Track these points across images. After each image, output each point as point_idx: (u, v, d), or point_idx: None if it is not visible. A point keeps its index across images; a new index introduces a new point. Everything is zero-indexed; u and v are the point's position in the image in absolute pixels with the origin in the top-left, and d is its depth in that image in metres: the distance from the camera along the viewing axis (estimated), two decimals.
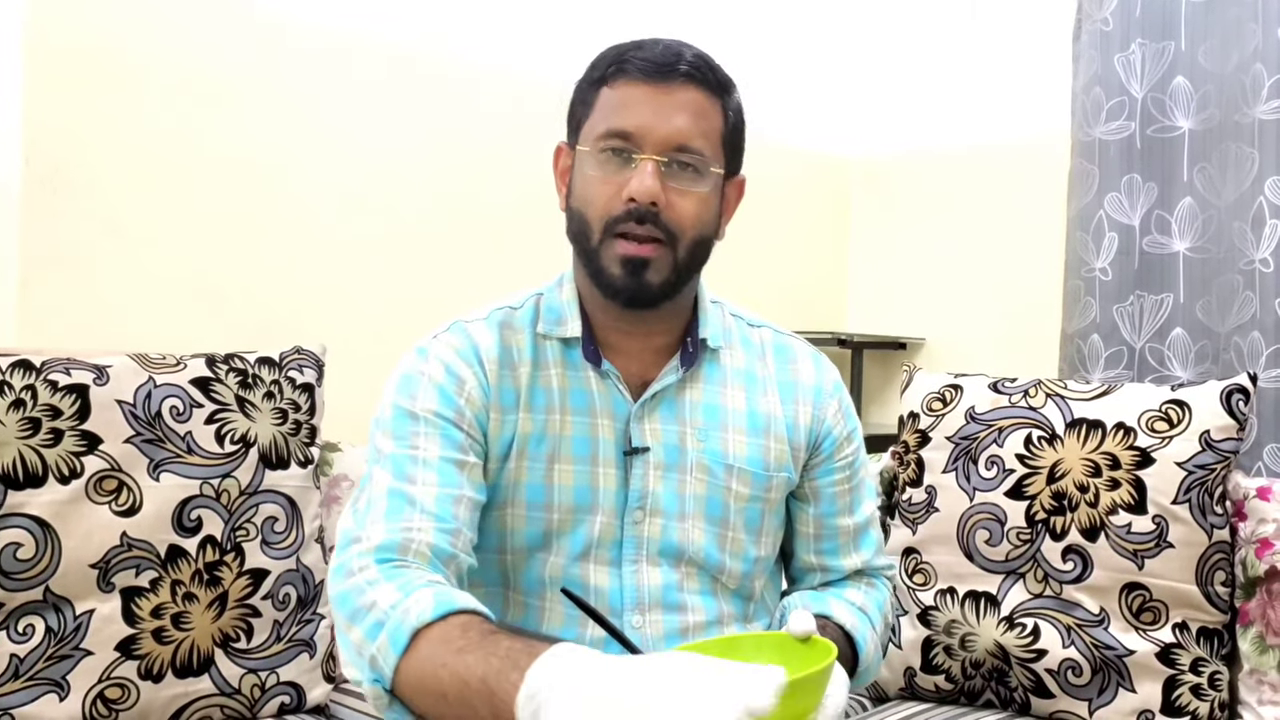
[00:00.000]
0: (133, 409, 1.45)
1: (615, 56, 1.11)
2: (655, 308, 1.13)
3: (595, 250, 1.10)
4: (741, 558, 1.18)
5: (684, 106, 1.09)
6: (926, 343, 3.22)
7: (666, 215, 1.08)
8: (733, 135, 1.15)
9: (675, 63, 1.09)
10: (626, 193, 1.07)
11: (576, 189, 1.13)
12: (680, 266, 1.11)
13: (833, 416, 1.24)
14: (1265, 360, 2.10)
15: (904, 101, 3.26)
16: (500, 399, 1.14)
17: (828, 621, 1.19)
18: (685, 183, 1.10)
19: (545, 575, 1.14)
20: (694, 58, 1.11)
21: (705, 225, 1.12)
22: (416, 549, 1.02)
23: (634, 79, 1.09)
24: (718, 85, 1.12)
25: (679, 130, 1.08)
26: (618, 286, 1.10)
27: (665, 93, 1.08)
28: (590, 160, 1.10)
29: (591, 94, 1.12)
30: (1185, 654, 1.52)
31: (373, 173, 2.34)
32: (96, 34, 1.96)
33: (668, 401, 1.17)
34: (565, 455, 1.14)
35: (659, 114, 1.08)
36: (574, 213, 1.13)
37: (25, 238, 1.90)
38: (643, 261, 1.09)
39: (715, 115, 1.12)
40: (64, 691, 1.37)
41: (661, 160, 1.08)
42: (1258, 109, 2.13)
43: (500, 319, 1.18)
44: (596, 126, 1.10)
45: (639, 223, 1.08)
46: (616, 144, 1.09)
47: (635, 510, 1.15)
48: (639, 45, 1.11)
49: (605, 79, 1.11)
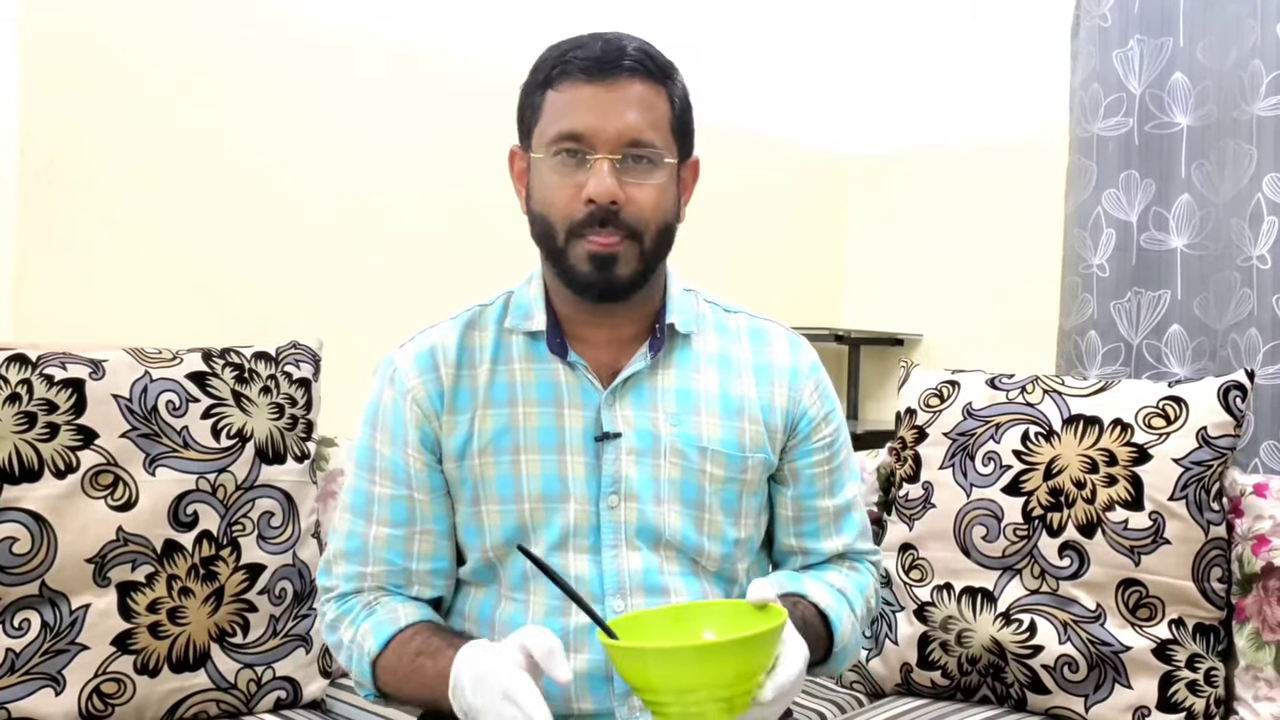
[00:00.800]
0: (129, 403, 1.45)
1: (557, 58, 1.12)
2: (626, 299, 1.15)
3: (562, 250, 1.12)
4: (720, 540, 1.19)
5: (631, 101, 1.10)
6: (924, 339, 3.22)
7: (627, 211, 1.10)
8: (681, 121, 1.16)
9: (618, 58, 1.10)
10: (585, 194, 1.09)
11: (535, 193, 1.15)
12: (648, 256, 1.13)
13: (809, 397, 1.24)
14: (1262, 357, 2.10)
15: (902, 98, 3.25)
16: (455, 401, 1.18)
17: (801, 599, 1.19)
18: (641, 176, 1.11)
19: (527, 568, 1.16)
20: (635, 50, 1.12)
21: (666, 213, 1.14)
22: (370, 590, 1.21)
23: (577, 79, 1.10)
24: (660, 73, 1.13)
25: (629, 125, 1.10)
26: (587, 282, 1.12)
27: (610, 89, 1.10)
28: (545, 165, 1.12)
29: (538, 97, 1.14)
30: (1181, 650, 1.52)
31: (370, 168, 2.33)
32: (92, 27, 1.95)
33: (638, 388, 1.18)
34: (530, 446, 1.16)
35: (607, 112, 1.09)
36: (536, 216, 1.15)
37: (20, 232, 1.89)
38: (611, 256, 1.11)
39: (662, 104, 1.13)
40: (60, 686, 1.37)
41: (615, 158, 1.10)
42: (1256, 105, 2.12)
43: (467, 318, 1.22)
44: (547, 130, 1.12)
45: (602, 225, 1.10)
46: (569, 146, 1.10)
47: (610, 495, 1.16)
48: (579, 44, 1.12)
49: (550, 81, 1.12)
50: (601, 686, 1.15)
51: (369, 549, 1.19)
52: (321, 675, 1.57)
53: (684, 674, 0.92)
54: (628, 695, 1.15)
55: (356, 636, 1.17)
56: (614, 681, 1.15)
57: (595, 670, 1.14)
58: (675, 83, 1.16)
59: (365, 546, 1.19)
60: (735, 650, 0.93)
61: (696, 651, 0.94)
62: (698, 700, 0.93)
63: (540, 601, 1.16)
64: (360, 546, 1.20)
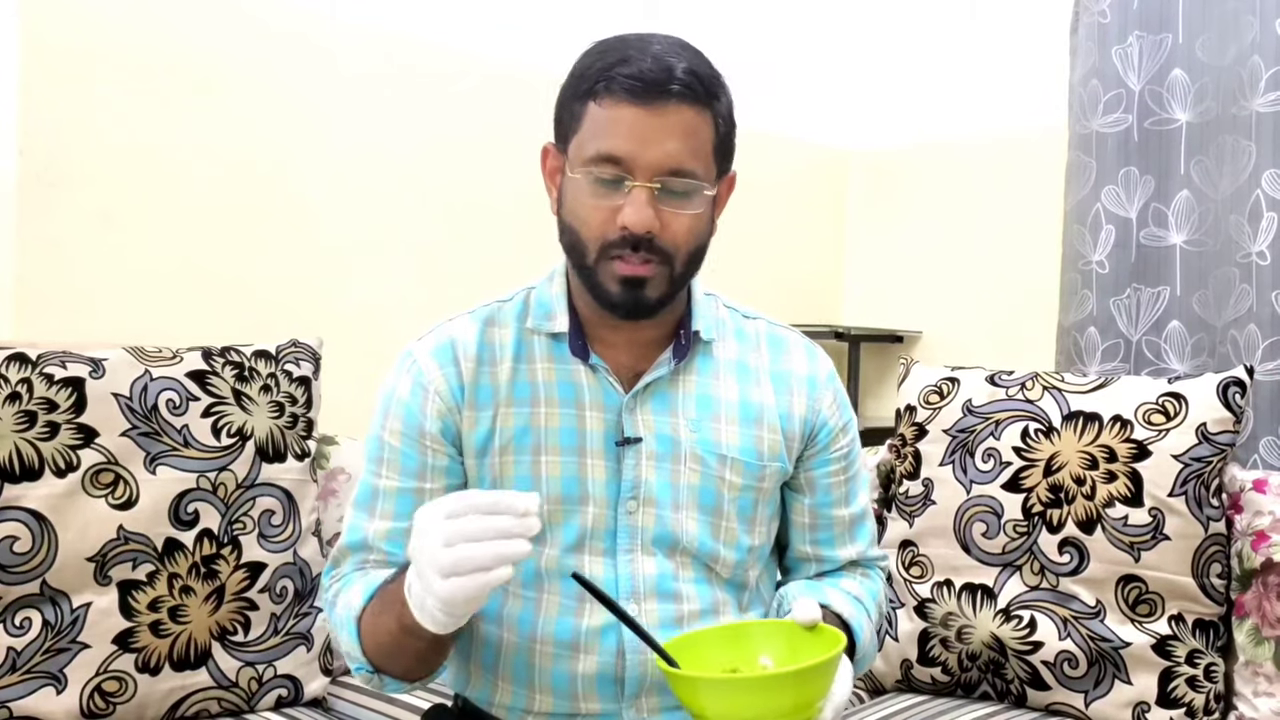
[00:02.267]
0: (129, 402, 1.45)
1: (602, 70, 1.07)
2: (652, 317, 1.14)
3: (591, 268, 1.10)
4: (735, 547, 1.19)
5: (675, 128, 1.06)
6: (923, 336, 3.22)
7: (662, 238, 1.07)
8: (724, 142, 1.12)
9: (666, 81, 1.05)
10: (620, 220, 1.06)
11: (568, 205, 1.11)
12: (677, 280, 1.11)
13: (828, 407, 1.24)
14: (1262, 353, 2.10)
15: (902, 94, 3.25)
16: (475, 396, 1.16)
17: (826, 610, 1.19)
18: (678, 204, 1.08)
19: (541, 567, 1.15)
20: (684, 72, 1.06)
21: (700, 237, 1.12)
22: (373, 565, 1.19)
23: (622, 99, 1.05)
24: (708, 96, 1.08)
25: (670, 154, 1.06)
26: (616, 302, 1.10)
27: (656, 115, 1.05)
28: (581, 181, 1.08)
29: (579, 107, 1.08)
30: (1181, 646, 1.53)
31: (370, 166, 2.33)
32: (92, 28, 1.95)
33: (660, 393, 1.18)
34: (551, 447, 1.15)
35: (649, 138, 1.05)
36: (566, 226, 1.12)
37: (20, 231, 1.89)
38: (641, 280, 1.09)
39: (706, 129, 1.09)
40: (61, 685, 1.37)
41: (654, 186, 1.06)
42: (1255, 102, 2.12)
43: (486, 315, 1.20)
44: (585, 146, 1.07)
45: (634, 249, 1.07)
46: (609, 171, 1.06)
47: (628, 500, 1.15)
48: (626, 58, 1.06)
49: (593, 93, 1.07)
50: (610, 687, 1.15)
51: (370, 542, 1.19)
52: (323, 673, 1.57)
53: (751, 704, 0.93)
54: (636, 697, 1.15)
55: (349, 600, 1.14)
56: (623, 685, 1.15)
57: (605, 672, 1.14)
58: (721, 102, 1.11)
59: (367, 540, 1.19)
60: (801, 680, 0.94)
61: (762, 682, 0.95)
62: None
63: (553, 600, 1.15)
64: (362, 540, 1.19)
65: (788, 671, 0.96)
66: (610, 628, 1.14)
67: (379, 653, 1.09)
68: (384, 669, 1.11)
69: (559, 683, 1.15)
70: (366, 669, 1.11)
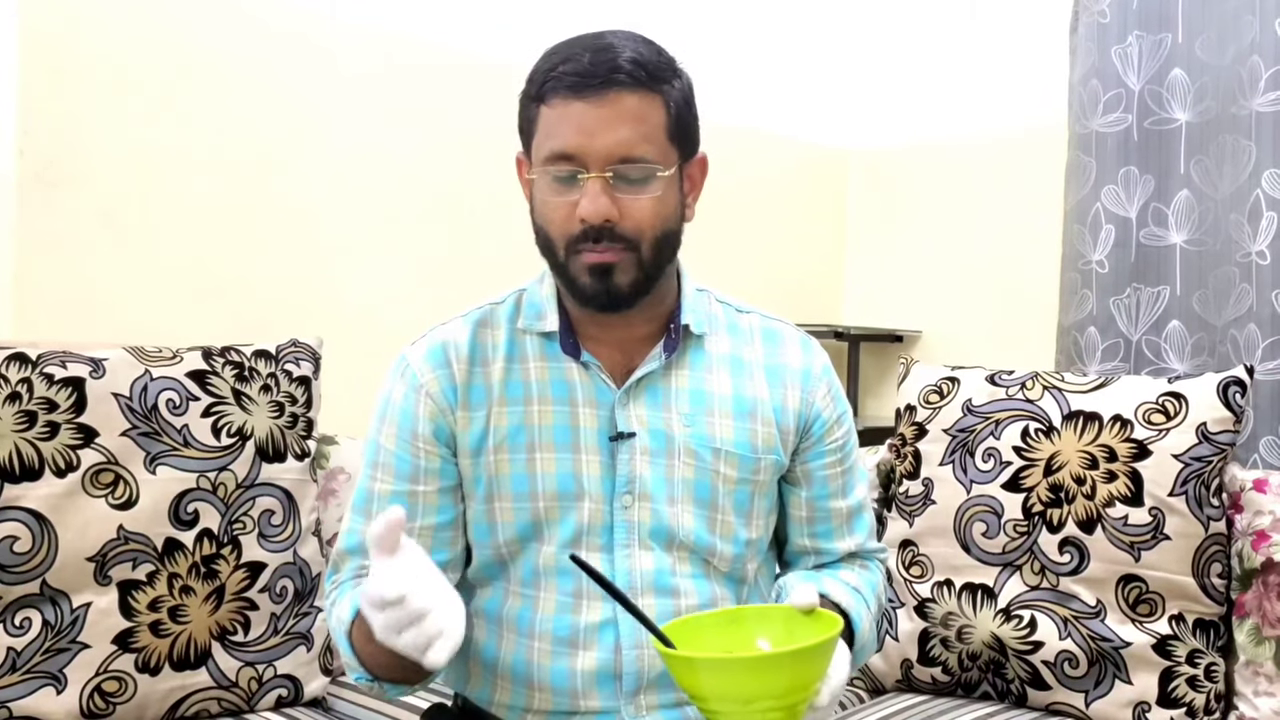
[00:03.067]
0: (129, 402, 1.45)
1: (547, 71, 1.10)
2: (630, 307, 1.15)
3: (564, 264, 1.13)
4: (732, 540, 1.20)
5: (621, 116, 1.07)
6: (923, 335, 3.22)
7: (623, 225, 1.09)
8: (679, 124, 1.13)
9: (607, 72, 1.07)
10: (578, 213, 1.08)
11: (536, 208, 1.15)
12: (647, 265, 1.12)
13: (822, 399, 1.25)
14: (1262, 353, 2.10)
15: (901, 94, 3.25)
16: (469, 396, 1.17)
17: (824, 599, 1.19)
18: (635, 190, 1.09)
19: (539, 565, 1.16)
20: (626, 61, 1.08)
21: (666, 220, 1.13)
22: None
23: (567, 96, 1.08)
24: (653, 80, 1.10)
25: (619, 142, 1.07)
26: (589, 294, 1.12)
27: (599, 105, 1.07)
28: (542, 182, 1.11)
29: (533, 110, 1.12)
30: (1181, 646, 1.53)
31: (370, 165, 2.33)
32: (92, 28, 1.95)
33: (652, 388, 1.18)
34: (545, 444, 1.16)
35: (596, 130, 1.07)
36: (538, 228, 1.15)
37: (20, 231, 1.89)
38: (608, 267, 1.10)
39: (656, 113, 1.10)
40: (61, 684, 1.37)
41: (606, 175, 1.08)
42: (1255, 101, 2.12)
43: (478, 317, 1.22)
44: (541, 148, 1.10)
45: (596, 241, 1.09)
46: (562, 168, 1.09)
47: (624, 495, 1.16)
48: (568, 56, 1.09)
49: (542, 95, 1.10)
50: (609, 685, 1.15)
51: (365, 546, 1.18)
52: (323, 673, 1.57)
53: (747, 684, 0.93)
54: (634, 694, 1.15)
55: (340, 614, 1.15)
56: (621, 680, 1.15)
57: (603, 669, 1.15)
58: (672, 85, 1.12)
59: (363, 544, 1.19)
60: (798, 660, 0.94)
61: (758, 662, 0.95)
62: (760, 710, 0.93)
63: (550, 598, 1.16)
64: (359, 544, 1.19)
65: (784, 652, 0.96)
66: (608, 624, 1.15)
67: (373, 664, 1.10)
68: (382, 678, 1.12)
69: (558, 680, 1.16)
70: (365, 678, 1.13)
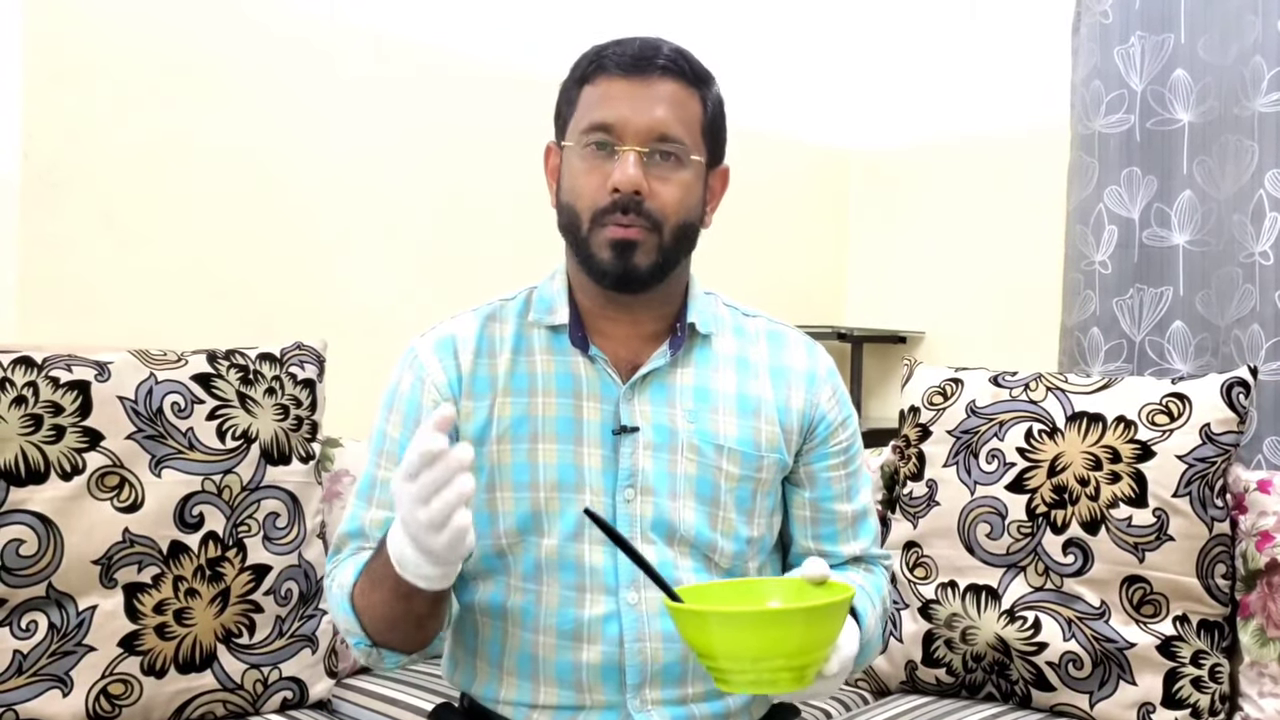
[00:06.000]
0: (134, 405, 1.45)
1: (594, 55, 1.16)
2: (644, 290, 1.17)
3: (585, 238, 1.15)
4: (733, 537, 1.20)
5: (662, 98, 1.13)
6: (926, 336, 3.22)
7: (650, 203, 1.13)
8: (713, 125, 1.19)
9: (652, 56, 1.14)
10: (610, 183, 1.12)
11: (565, 183, 1.18)
12: (666, 249, 1.15)
13: (826, 401, 1.26)
14: (1265, 353, 2.10)
15: (904, 94, 3.25)
16: (473, 386, 1.19)
17: None
18: (667, 170, 1.14)
19: (540, 558, 1.17)
20: (671, 51, 1.15)
21: (689, 210, 1.17)
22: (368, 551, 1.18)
23: (613, 74, 1.14)
24: (695, 77, 1.16)
25: (658, 120, 1.13)
26: (606, 269, 1.14)
27: (643, 85, 1.13)
28: (576, 154, 1.15)
29: (575, 92, 1.17)
30: (1186, 646, 1.53)
31: (374, 167, 2.33)
32: (95, 30, 1.95)
33: (657, 384, 1.20)
34: (548, 435, 1.18)
35: (638, 106, 1.13)
36: (564, 205, 1.18)
37: (24, 234, 1.89)
38: (630, 244, 1.13)
39: (694, 105, 1.16)
40: (67, 687, 1.37)
41: (643, 150, 1.12)
42: (1257, 101, 2.12)
43: (489, 312, 1.24)
44: (580, 122, 1.15)
45: (624, 213, 1.12)
46: (599, 137, 1.13)
47: (625, 488, 1.17)
48: (618, 42, 1.16)
49: (586, 77, 1.16)
50: (614, 677, 1.16)
51: (366, 530, 1.21)
52: (328, 675, 1.57)
53: (758, 640, 0.92)
54: (639, 688, 1.15)
55: (341, 579, 1.16)
56: (625, 674, 1.15)
57: (608, 662, 1.15)
58: (710, 89, 1.18)
59: (363, 528, 1.21)
60: (811, 617, 0.94)
61: (771, 616, 0.95)
62: (771, 669, 0.93)
63: (553, 592, 1.16)
64: (359, 528, 1.21)
65: (797, 608, 0.96)
66: (611, 617, 1.15)
67: (376, 625, 1.11)
68: (382, 641, 1.12)
69: (563, 674, 1.16)
70: (365, 643, 1.13)
